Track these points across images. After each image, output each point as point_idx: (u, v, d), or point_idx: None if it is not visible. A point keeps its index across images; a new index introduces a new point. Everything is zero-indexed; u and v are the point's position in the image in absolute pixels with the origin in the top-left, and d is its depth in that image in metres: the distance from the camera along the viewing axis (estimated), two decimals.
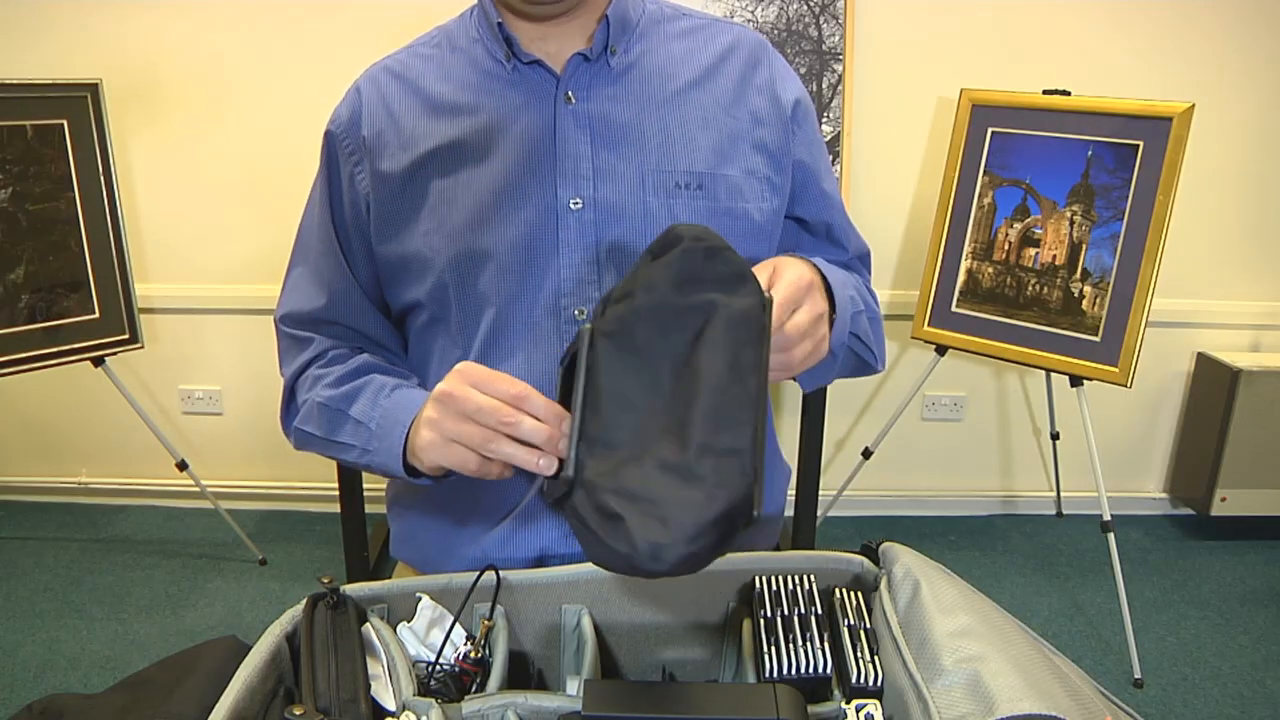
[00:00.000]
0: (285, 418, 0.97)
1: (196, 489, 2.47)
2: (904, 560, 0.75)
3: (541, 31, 0.89)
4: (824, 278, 0.82)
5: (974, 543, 2.61)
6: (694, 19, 0.95)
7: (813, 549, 0.82)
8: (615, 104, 0.89)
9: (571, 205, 0.87)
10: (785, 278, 0.75)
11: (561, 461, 0.68)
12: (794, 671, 0.68)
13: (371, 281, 0.96)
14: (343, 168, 0.93)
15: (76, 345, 2.15)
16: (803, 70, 2.29)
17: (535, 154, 0.88)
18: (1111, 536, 2.08)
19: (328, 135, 0.94)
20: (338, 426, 0.89)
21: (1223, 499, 2.51)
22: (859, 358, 0.94)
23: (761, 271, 0.75)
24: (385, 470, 0.86)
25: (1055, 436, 2.59)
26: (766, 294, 0.68)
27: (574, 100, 0.88)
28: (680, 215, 0.88)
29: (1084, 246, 2.04)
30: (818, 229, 0.98)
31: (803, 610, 0.73)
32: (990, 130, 2.14)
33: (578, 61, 0.88)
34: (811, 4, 2.28)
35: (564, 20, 0.88)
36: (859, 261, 1.04)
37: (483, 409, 0.69)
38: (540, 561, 0.92)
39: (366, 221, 0.93)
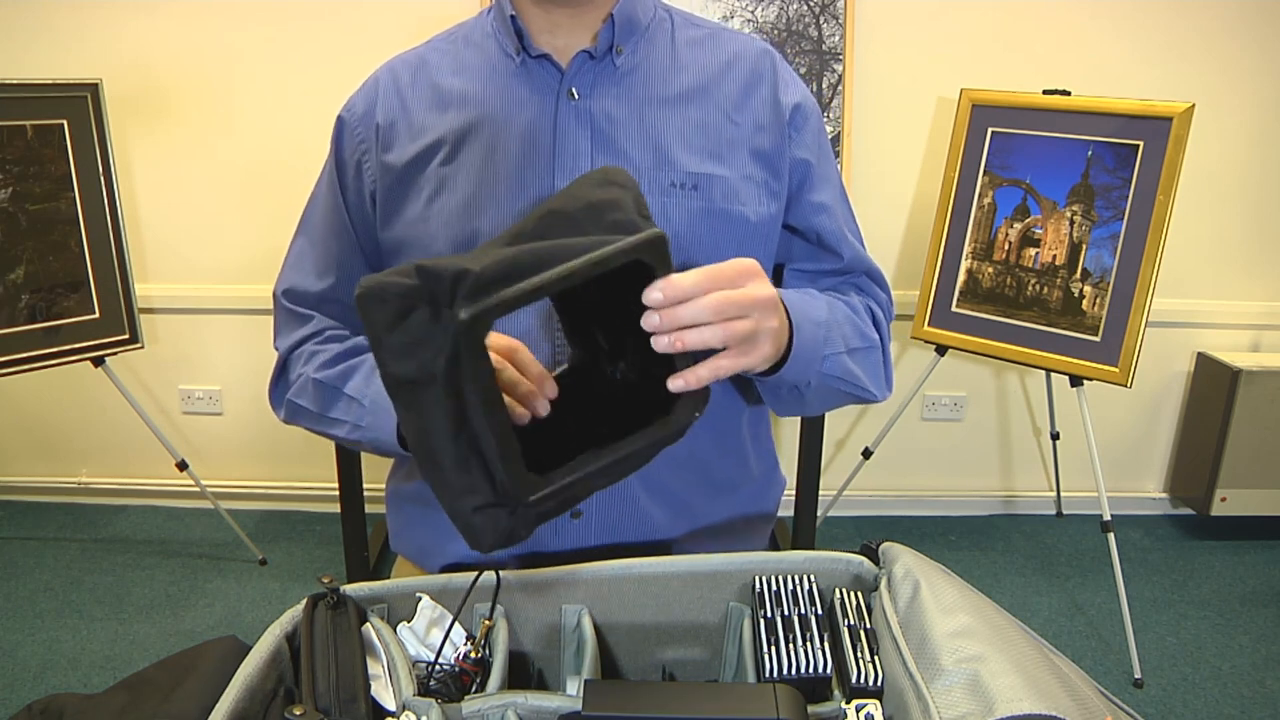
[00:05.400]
0: (275, 389, 0.98)
1: (196, 489, 2.47)
2: (904, 560, 0.75)
3: (551, 24, 0.90)
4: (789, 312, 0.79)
5: (974, 543, 2.61)
6: (703, 29, 0.96)
7: (813, 549, 0.82)
8: (617, 103, 0.90)
9: None
10: (729, 264, 0.69)
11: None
12: (794, 671, 0.68)
13: (375, 267, 0.98)
14: (351, 155, 0.95)
15: (76, 345, 2.15)
16: (803, 70, 2.29)
17: (535, 146, 0.89)
18: (1111, 536, 2.08)
19: (340, 121, 0.96)
20: (331, 403, 0.90)
21: (1222, 499, 2.51)
22: (845, 393, 0.91)
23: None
24: (376, 444, 0.88)
25: (1055, 436, 2.59)
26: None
27: (577, 97, 0.90)
28: (674, 214, 0.88)
29: (1084, 246, 2.04)
30: (809, 235, 0.96)
31: (803, 610, 0.73)
32: (990, 130, 2.14)
33: (582, 59, 0.90)
34: (811, 4, 2.28)
35: (575, 14, 0.90)
36: (866, 278, 0.98)
37: None
38: (532, 555, 0.92)
39: (372, 209, 0.94)
